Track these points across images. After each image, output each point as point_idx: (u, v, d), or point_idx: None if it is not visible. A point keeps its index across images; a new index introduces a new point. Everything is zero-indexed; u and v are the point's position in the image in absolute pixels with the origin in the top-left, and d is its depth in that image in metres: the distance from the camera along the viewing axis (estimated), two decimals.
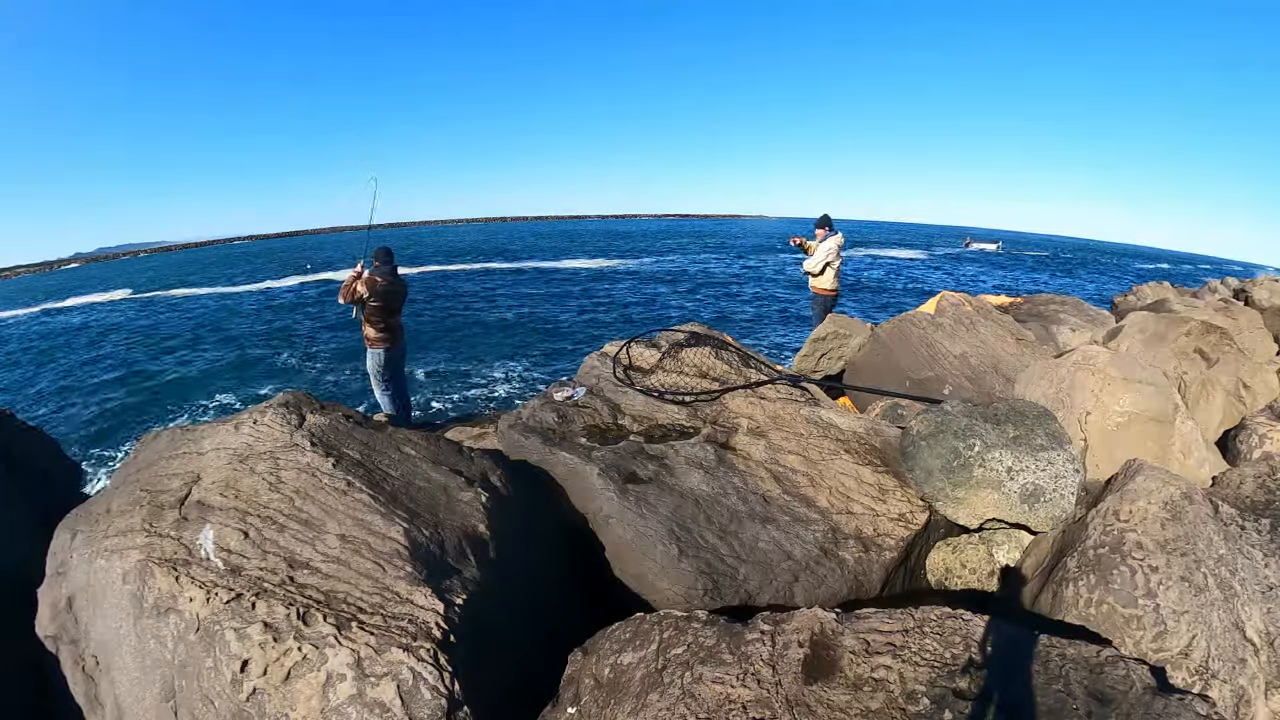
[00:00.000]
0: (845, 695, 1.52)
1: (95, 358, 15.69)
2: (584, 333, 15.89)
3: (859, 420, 3.37)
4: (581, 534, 2.62)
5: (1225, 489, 2.86)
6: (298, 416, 2.47)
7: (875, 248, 53.26)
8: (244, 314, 21.69)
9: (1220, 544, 2.01)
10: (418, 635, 1.69)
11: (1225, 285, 14.93)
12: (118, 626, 1.91)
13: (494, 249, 50.65)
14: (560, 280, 28.26)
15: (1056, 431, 2.82)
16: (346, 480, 2.17)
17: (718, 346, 4.21)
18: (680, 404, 3.52)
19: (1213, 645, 1.75)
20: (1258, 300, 11.57)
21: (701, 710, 1.55)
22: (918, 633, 1.64)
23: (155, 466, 2.40)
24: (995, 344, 5.15)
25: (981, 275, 35.17)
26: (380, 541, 1.96)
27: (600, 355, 4.11)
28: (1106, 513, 2.10)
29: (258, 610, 1.74)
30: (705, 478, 2.77)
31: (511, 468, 2.81)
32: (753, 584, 2.33)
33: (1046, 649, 1.54)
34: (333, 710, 1.58)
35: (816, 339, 6.30)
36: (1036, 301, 9.18)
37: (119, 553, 1.97)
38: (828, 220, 7.47)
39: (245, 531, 1.97)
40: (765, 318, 18.51)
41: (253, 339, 16.86)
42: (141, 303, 27.54)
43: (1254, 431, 3.95)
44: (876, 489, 2.79)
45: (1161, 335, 4.98)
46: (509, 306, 20.44)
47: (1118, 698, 1.39)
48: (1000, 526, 2.63)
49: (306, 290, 28.15)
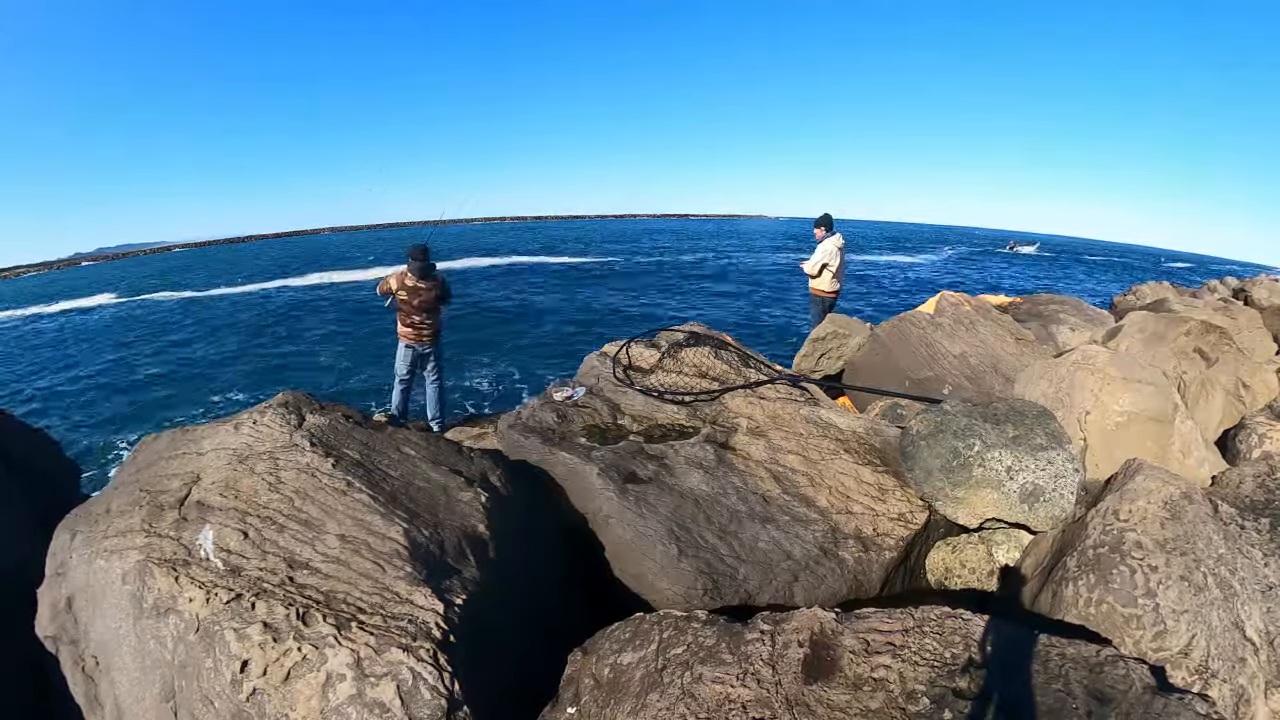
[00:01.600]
0: (845, 695, 1.52)
1: (95, 358, 15.69)
2: (584, 333, 15.89)
3: (859, 420, 3.37)
4: (581, 534, 2.62)
5: (1225, 488, 2.86)
6: (297, 417, 2.47)
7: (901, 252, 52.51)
8: (245, 314, 21.68)
9: (1220, 543, 2.01)
10: (417, 635, 1.68)
11: (1225, 285, 14.94)
12: (117, 627, 1.91)
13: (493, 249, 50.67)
14: (560, 280, 28.26)
15: (1056, 431, 2.82)
16: (346, 480, 2.17)
17: (717, 346, 4.21)
18: (680, 404, 3.52)
19: (1212, 644, 1.75)
20: (1257, 300, 11.57)
21: (701, 710, 1.55)
22: (917, 632, 1.64)
23: (155, 467, 2.40)
24: (995, 344, 5.15)
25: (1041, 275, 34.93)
26: (380, 541, 1.96)
27: (600, 355, 4.11)
28: (1106, 512, 2.10)
29: (257, 610, 1.74)
30: (705, 478, 2.78)
31: (511, 468, 2.81)
32: (752, 584, 2.33)
33: (1046, 648, 1.54)
34: (333, 710, 1.58)
35: (816, 339, 6.30)
36: (1036, 301, 9.17)
37: (119, 553, 1.97)
38: (827, 220, 7.41)
39: (245, 532, 1.97)
40: (765, 317, 18.51)
41: (254, 339, 16.85)
42: (141, 303, 27.52)
43: (1253, 431, 3.95)
44: (876, 489, 2.79)
45: (1161, 335, 4.98)
46: (508, 306, 20.44)
47: (1117, 697, 1.39)
48: (1000, 526, 2.63)
49: (307, 290, 28.16)
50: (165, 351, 15.95)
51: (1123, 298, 12.62)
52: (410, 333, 5.81)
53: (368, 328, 16.43)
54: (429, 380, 6.18)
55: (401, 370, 5.98)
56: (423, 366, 6.08)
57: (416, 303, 5.67)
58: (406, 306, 5.67)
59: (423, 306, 5.70)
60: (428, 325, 5.83)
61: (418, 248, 5.63)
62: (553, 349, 14.14)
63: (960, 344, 5.07)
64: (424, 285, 5.65)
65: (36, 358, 16.46)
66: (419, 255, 5.60)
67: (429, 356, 6.05)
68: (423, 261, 5.61)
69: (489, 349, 13.93)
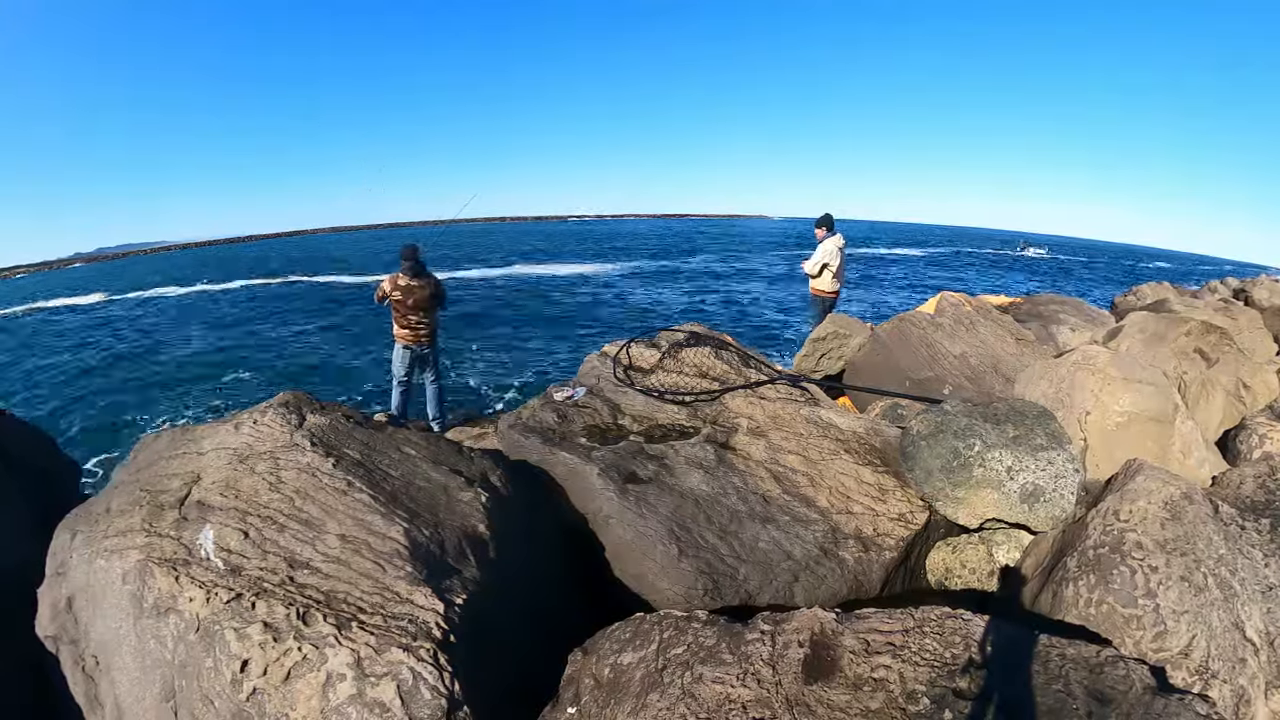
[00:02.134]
0: (845, 695, 1.52)
1: (95, 358, 15.68)
2: (584, 333, 15.89)
3: (859, 420, 3.37)
4: (581, 534, 2.62)
5: (1225, 489, 2.86)
6: (298, 416, 2.47)
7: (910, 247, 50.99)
8: (245, 314, 21.68)
9: (1220, 544, 2.01)
10: (418, 635, 1.68)
11: (1225, 285, 14.93)
12: (117, 626, 1.91)
13: (492, 248, 50.66)
14: (560, 280, 28.26)
15: (1056, 431, 2.82)
16: (346, 480, 2.17)
17: (717, 346, 4.21)
18: (680, 404, 3.52)
19: (1213, 645, 1.75)
20: (1258, 300, 11.58)
21: (701, 710, 1.55)
22: (918, 632, 1.64)
23: (155, 466, 2.40)
24: (995, 344, 5.15)
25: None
26: (380, 541, 1.96)
27: (600, 355, 4.11)
28: (1106, 512, 2.10)
29: (258, 610, 1.74)
30: (705, 478, 2.77)
31: (511, 468, 2.81)
32: (753, 584, 2.33)
33: (1046, 649, 1.54)
34: (333, 710, 1.58)
35: (816, 339, 6.30)
36: (1036, 301, 9.18)
37: (119, 553, 1.97)
38: (828, 221, 7.43)
39: (245, 531, 1.97)
40: (765, 317, 18.51)
41: (254, 339, 16.85)
42: (140, 302, 27.51)
43: (1254, 431, 3.95)
44: (876, 489, 2.79)
45: (1161, 335, 4.98)
46: (508, 306, 20.44)
47: (1118, 698, 1.39)
48: (1000, 526, 2.63)
49: (308, 291, 28.16)
50: (165, 351, 15.94)
51: (1123, 298, 12.62)
52: (407, 334, 5.81)
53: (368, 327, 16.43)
54: (428, 381, 6.19)
55: (399, 372, 5.99)
56: (421, 368, 6.08)
57: (411, 302, 5.68)
58: (401, 307, 5.70)
59: (418, 305, 5.71)
60: (424, 325, 5.84)
61: (408, 247, 5.70)
62: (552, 349, 14.14)
63: (960, 344, 5.07)
64: (417, 284, 5.68)
65: (36, 357, 16.45)
66: (410, 255, 5.66)
67: (426, 358, 6.05)
68: (414, 260, 5.66)
69: (488, 350, 13.93)
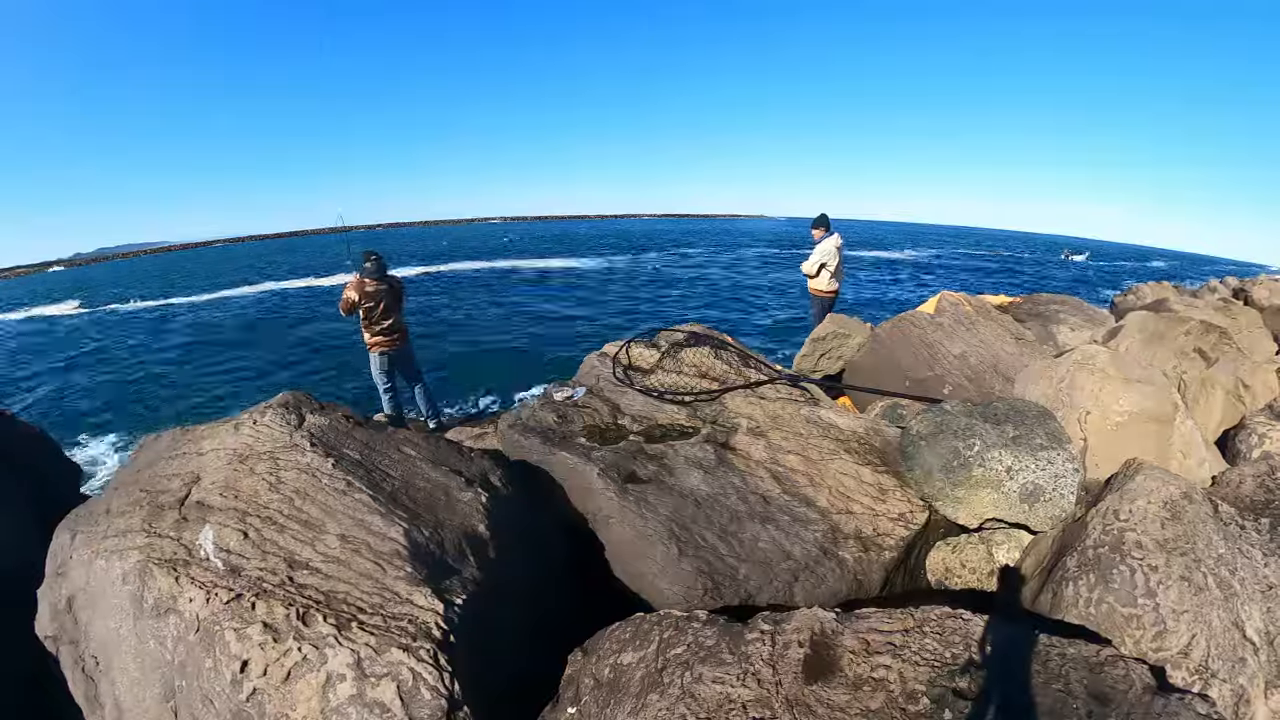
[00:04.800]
0: (845, 695, 1.52)
1: (95, 358, 15.69)
2: (584, 333, 15.89)
3: (859, 420, 3.37)
4: (581, 534, 2.62)
5: (1225, 488, 2.86)
6: (297, 417, 2.47)
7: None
8: (245, 315, 21.68)
9: (1220, 543, 2.01)
10: (418, 635, 1.68)
11: (1225, 285, 14.93)
12: (117, 627, 1.91)
13: (492, 249, 50.68)
14: (560, 280, 28.26)
15: (1056, 431, 2.82)
16: (346, 480, 2.17)
17: (717, 346, 4.21)
18: (680, 404, 3.52)
19: (1212, 644, 1.75)
20: (1257, 300, 11.57)
21: (701, 710, 1.55)
22: (918, 632, 1.64)
23: (155, 467, 2.39)
24: (995, 344, 5.14)
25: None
26: (380, 542, 1.96)
27: (600, 355, 4.11)
28: (1106, 512, 2.10)
29: (257, 610, 1.74)
30: (705, 478, 2.77)
31: (511, 468, 2.81)
32: (753, 584, 2.33)
33: (1046, 648, 1.54)
34: (333, 710, 1.58)
35: (816, 339, 6.30)
36: (1036, 301, 9.17)
37: (119, 553, 1.97)
38: (825, 221, 7.44)
39: (245, 532, 1.97)
40: (764, 317, 18.51)
41: (254, 339, 16.85)
42: (140, 304, 27.52)
43: (1254, 431, 3.95)
44: (876, 489, 2.79)
45: (1161, 335, 4.98)
46: (507, 306, 20.44)
47: (1118, 697, 1.39)
48: (1000, 526, 2.63)
49: (308, 291, 28.16)
50: (165, 351, 15.94)
51: (1123, 298, 12.62)
52: (382, 340, 5.73)
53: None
54: (413, 382, 6.14)
55: (382, 380, 5.90)
56: (402, 369, 6.02)
57: (383, 306, 5.63)
58: (373, 313, 5.61)
59: (387, 308, 5.66)
60: (396, 328, 5.80)
61: (369, 251, 5.67)
62: (552, 349, 14.14)
63: (960, 344, 5.07)
64: (383, 286, 5.63)
65: (36, 358, 16.45)
66: (372, 257, 5.63)
67: (406, 358, 6.00)
68: (376, 262, 5.63)
69: (488, 350, 13.93)
